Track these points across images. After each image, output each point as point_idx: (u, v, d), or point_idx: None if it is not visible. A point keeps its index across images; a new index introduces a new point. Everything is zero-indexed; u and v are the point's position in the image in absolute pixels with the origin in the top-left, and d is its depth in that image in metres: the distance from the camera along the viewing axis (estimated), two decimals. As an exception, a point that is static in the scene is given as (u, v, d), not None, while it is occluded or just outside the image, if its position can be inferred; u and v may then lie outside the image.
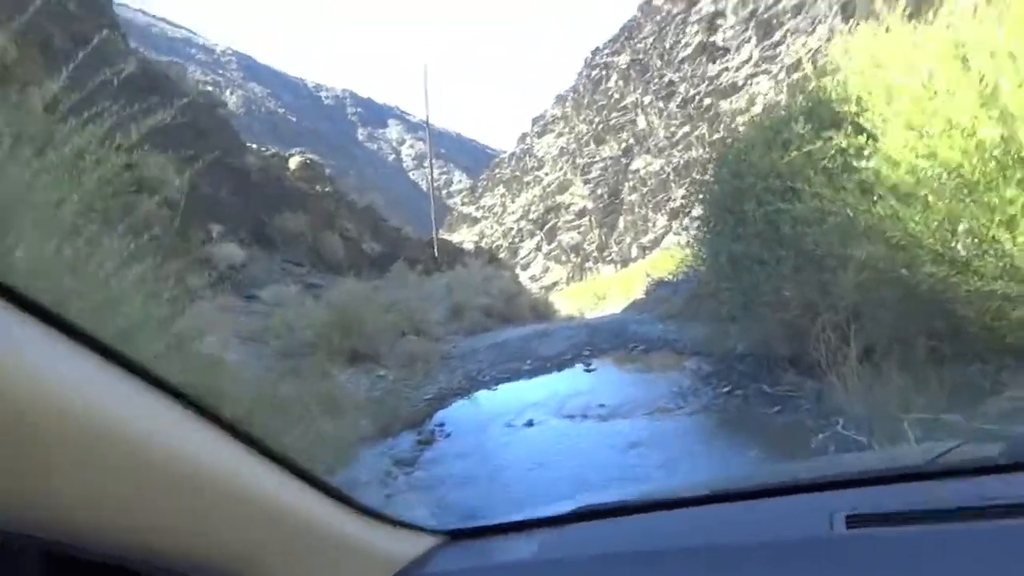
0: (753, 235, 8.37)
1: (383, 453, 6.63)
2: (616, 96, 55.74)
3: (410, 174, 79.99)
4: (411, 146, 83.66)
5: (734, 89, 42.65)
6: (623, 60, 54.94)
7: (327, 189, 29.46)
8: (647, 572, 0.99)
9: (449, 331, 14.67)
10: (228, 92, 74.72)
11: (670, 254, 25.88)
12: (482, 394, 8.66)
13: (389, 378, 9.72)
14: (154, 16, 77.82)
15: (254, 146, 25.84)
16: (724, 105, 42.37)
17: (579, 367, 9.51)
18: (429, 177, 37.32)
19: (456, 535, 1.24)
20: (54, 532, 0.60)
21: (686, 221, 11.41)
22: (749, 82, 40.41)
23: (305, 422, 7.50)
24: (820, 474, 1.36)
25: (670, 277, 18.28)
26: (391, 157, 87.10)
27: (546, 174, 58.33)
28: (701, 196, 10.83)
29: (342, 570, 0.96)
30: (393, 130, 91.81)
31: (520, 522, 1.27)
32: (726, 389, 7.07)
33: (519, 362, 9.95)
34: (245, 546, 0.80)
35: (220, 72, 76.79)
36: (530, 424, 6.95)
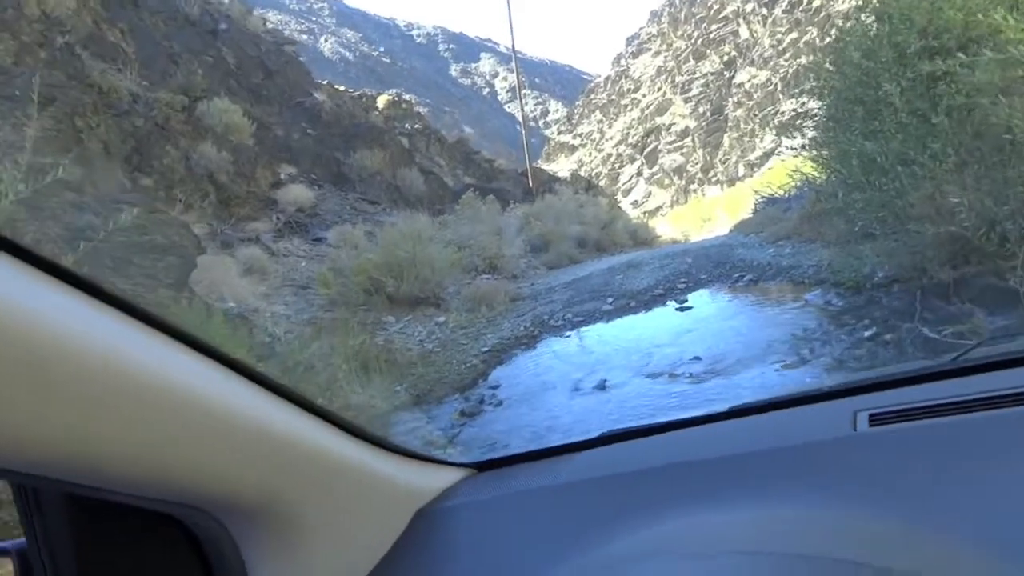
0: (894, 128, 6.36)
1: (411, 431, 5.09)
2: (715, 7, 53.20)
3: (505, 107, 77.62)
4: (504, 79, 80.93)
5: None
6: (722, -33, 51.68)
7: (416, 126, 28.57)
8: (674, 483, 0.97)
9: (531, 265, 13.03)
10: (322, 39, 74.23)
11: (782, 168, 23.64)
12: (549, 344, 6.94)
13: (449, 326, 8.18)
14: (247, -32, 77.67)
15: (334, 85, 24.59)
16: (837, 6, 38.93)
17: (671, 305, 7.60)
18: (519, 105, 35.26)
19: (483, 466, 1.21)
20: (72, 475, 0.60)
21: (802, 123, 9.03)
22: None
23: (331, 390, 6.08)
24: (843, 381, 1.27)
25: (781, 193, 16.35)
26: (485, 91, 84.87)
27: (644, 96, 56.00)
28: (819, 87, 8.60)
29: (371, 503, 0.96)
30: (486, 63, 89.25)
31: (546, 449, 1.22)
32: (869, 332, 5.08)
33: (599, 301, 8.14)
34: (272, 484, 0.78)
35: (313, 20, 76.19)
36: (602, 387, 5.21)
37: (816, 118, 8.80)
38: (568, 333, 7.15)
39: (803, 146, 8.70)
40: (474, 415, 5.23)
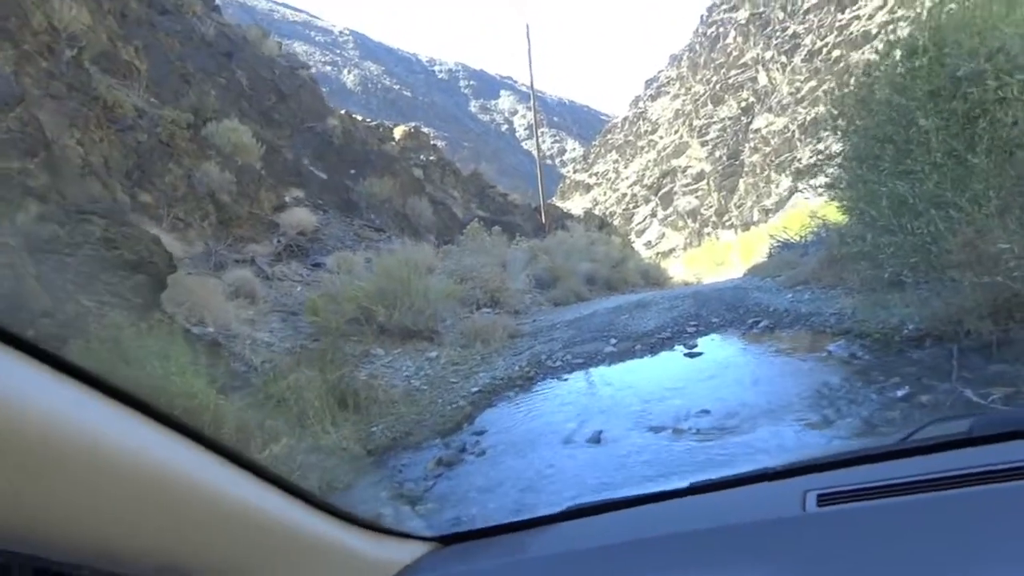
0: (928, 168, 5.79)
1: (382, 480, 4.48)
2: (735, 53, 53.48)
3: (523, 144, 77.66)
4: (523, 116, 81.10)
5: (867, 39, 39.13)
6: (742, 15, 51.88)
7: (431, 157, 28.45)
8: (632, 560, 0.99)
9: (536, 301, 12.45)
10: (345, 71, 74.84)
11: (798, 213, 23.21)
12: (544, 387, 6.31)
13: (440, 361, 7.59)
14: (275, 2, 78.53)
15: (348, 112, 24.34)
16: (855, 56, 38.99)
17: (679, 350, 6.95)
18: (535, 139, 35.03)
19: (448, 540, 1.21)
20: (42, 549, 0.60)
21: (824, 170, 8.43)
22: (884, 30, 36.23)
23: (302, 428, 5.49)
24: (794, 460, 1.29)
25: (797, 238, 15.88)
26: (504, 128, 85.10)
27: (660, 137, 56.00)
28: (843, 125, 8.07)
29: None
30: (505, 101, 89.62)
31: (510, 524, 1.23)
32: (902, 392, 4.43)
33: (602, 342, 7.53)
34: (233, 558, 0.78)
35: (338, 52, 76.85)
36: (597, 440, 4.59)
37: (840, 158, 8.26)
38: (566, 376, 6.52)
39: (827, 185, 8.14)
40: (452, 465, 4.61)
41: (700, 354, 6.70)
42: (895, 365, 5.05)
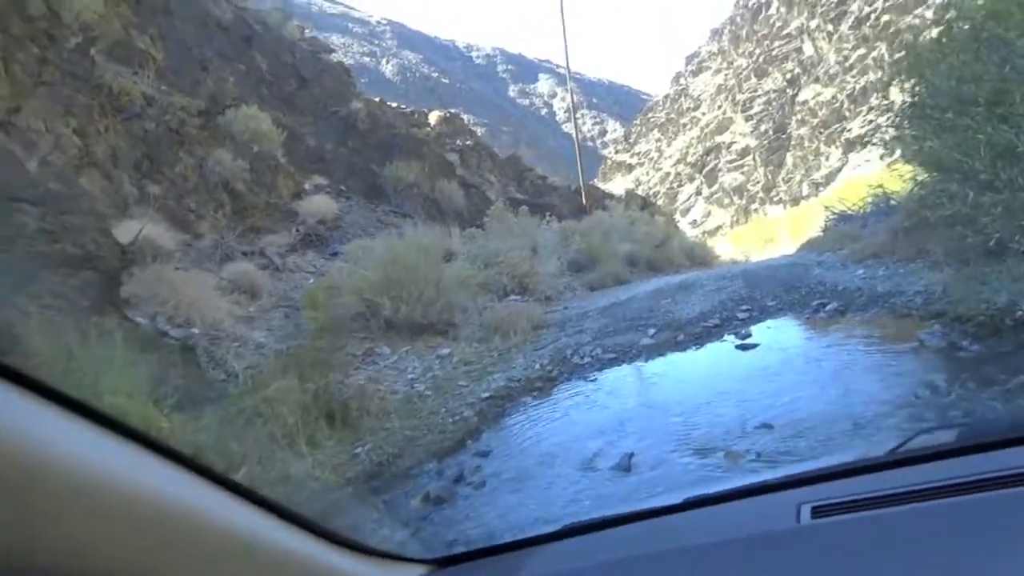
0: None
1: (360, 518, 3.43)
2: (778, 24, 51.66)
3: (563, 127, 75.82)
4: (562, 99, 79.04)
5: (918, 2, 37.24)
6: (786, -17, 49.99)
7: (467, 142, 27.73)
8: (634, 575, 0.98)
9: (570, 286, 11.31)
10: (384, 61, 74.08)
11: (852, 185, 21.78)
12: (568, 391, 5.19)
13: (452, 360, 6.55)
14: (313, -6, 78.09)
15: (376, 98, 23.44)
16: (906, 20, 36.96)
17: (729, 341, 5.76)
18: (572, 119, 33.70)
19: (444, 562, 1.18)
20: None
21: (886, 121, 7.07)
22: (936, -11, 34.00)
23: (273, 450, 4.50)
24: (787, 474, 1.31)
25: (854, 210, 14.65)
26: (543, 111, 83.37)
27: (703, 114, 54.34)
28: (909, 79, 6.80)
29: None
30: (544, 84, 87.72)
31: (508, 544, 1.22)
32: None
33: (638, 332, 6.36)
34: None
35: (376, 43, 76.01)
36: (626, 467, 3.47)
37: (908, 111, 6.98)
38: (594, 376, 5.38)
39: (894, 139, 6.86)
40: (443, 502, 3.55)
41: (755, 346, 5.48)
42: (1016, 359, 3.80)
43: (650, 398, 4.66)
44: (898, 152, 7.59)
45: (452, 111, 30.98)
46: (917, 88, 6.73)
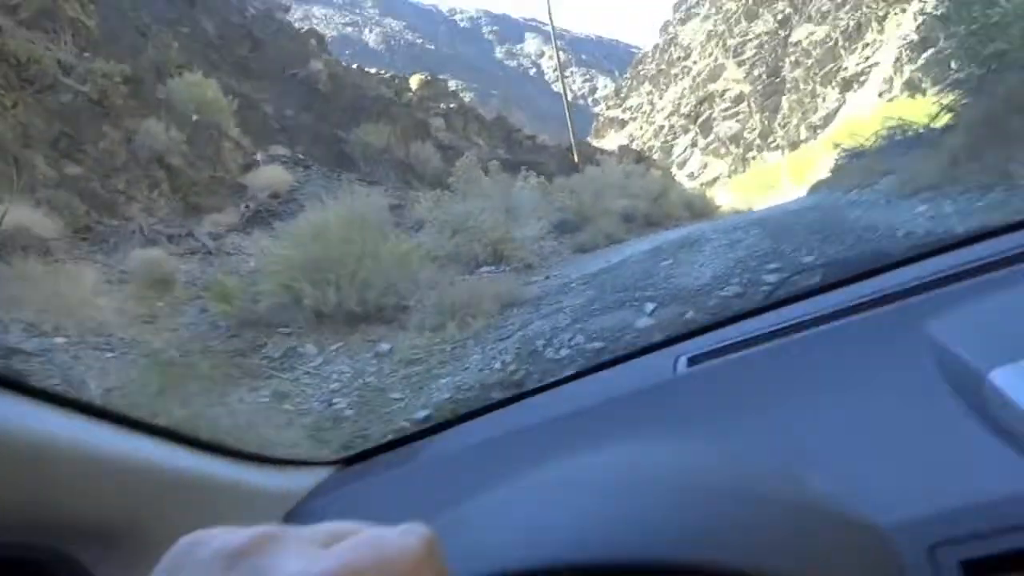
0: None
1: None
2: None
3: (553, 86, 73.32)
4: (550, 58, 75.95)
5: None
6: (771, -80, 48.06)
7: (451, 105, 26.39)
8: (521, 447, 0.98)
9: (556, 250, 9.64)
10: (367, 31, 71.52)
11: (851, 126, 20.38)
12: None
13: (394, 358, 4.90)
14: (291, -34, 75.20)
15: (333, 56, 21.61)
16: None
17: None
18: (560, 77, 31.75)
19: (350, 460, 1.16)
20: None
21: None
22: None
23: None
24: (666, 333, 1.52)
25: (867, 146, 13.12)
26: (532, 71, 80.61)
27: (694, 63, 52.67)
28: None
29: (235, 513, 0.88)
30: (531, 44, 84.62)
31: (408, 436, 1.20)
32: None
33: (631, 308, 4.63)
34: (121, 508, 0.74)
35: (357, 12, 73.25)
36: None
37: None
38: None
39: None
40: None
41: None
42: None
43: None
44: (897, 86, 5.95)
45: (432, 75, 29.40)
46: None
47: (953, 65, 6.79)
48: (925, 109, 10.39)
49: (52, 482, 0.65)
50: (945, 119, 7.41)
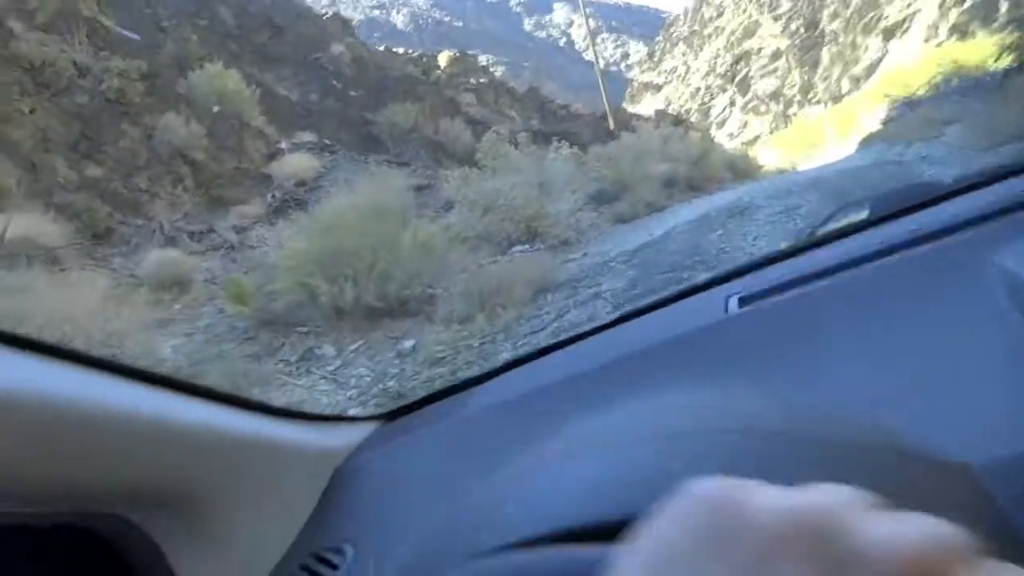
0: None
1: None
2: None
3: (583, 55, 71.84)
4: (580, 26, 74.28)
5: None
6: None
7: (482, 80, 25.88)
8: (572, 394, 0.93)
9: (594, 223, 9.05)
10: (394, 12, 70.89)
11: (894, 76, 19.39)
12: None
13: (418, 358, 4.43)
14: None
15: (359, 39, 21.12)
16: None
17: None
18: (591, 43, 30.84)
19: (392, 415, 1.15)
20: None
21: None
22: None
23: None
24: (715, 272, 1.28)
25: (920, 95, 12.25)
26: (562, 42, 79.08)
27: (728, 21, 51.06)
28: None
29: (285, 472, 0.88)
30: (559, 14, 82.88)
31: (451, 387, 1.17)
32: None
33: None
34: (175, 473, 0.72)
35: (383, -7, 72.71)
36: None
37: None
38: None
39: None
40: None
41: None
42: None
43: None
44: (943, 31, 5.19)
45: (461, 51, 28.81)
46: None
47: (1003, 5, 6.02)
48: (980, 52, 9.49)
49: (110, 450, 0.64)
50: (1007, 60, 6.64)
